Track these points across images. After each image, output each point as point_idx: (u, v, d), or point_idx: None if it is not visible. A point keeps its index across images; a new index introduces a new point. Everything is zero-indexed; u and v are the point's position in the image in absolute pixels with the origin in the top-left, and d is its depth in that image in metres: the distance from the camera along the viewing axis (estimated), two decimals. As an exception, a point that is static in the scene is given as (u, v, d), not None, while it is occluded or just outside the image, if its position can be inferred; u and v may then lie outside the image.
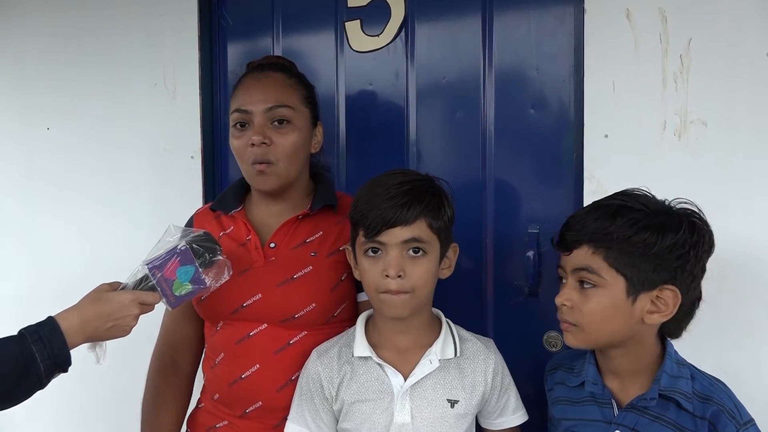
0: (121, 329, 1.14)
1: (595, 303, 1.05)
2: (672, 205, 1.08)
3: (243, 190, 1.39)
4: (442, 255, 1.17)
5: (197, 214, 1.43)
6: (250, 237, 1.31)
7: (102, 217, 2.00)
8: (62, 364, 1.07)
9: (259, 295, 1.26)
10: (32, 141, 2.09)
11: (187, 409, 1.43)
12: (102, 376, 1.92)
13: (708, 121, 1.36)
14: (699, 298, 1.10)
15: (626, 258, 1.03)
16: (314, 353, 1.23)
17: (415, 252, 1.12)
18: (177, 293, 1.16)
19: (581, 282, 1.07)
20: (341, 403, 1.18)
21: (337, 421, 1.21)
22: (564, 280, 1.12)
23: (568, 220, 1.12)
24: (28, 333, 1.05)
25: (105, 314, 1.11)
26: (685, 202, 1.08)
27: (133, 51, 1.92)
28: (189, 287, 1.17)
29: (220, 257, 1.18)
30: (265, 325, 1.26)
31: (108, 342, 1.16)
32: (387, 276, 1.10)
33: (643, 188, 1.10)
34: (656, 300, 1.04)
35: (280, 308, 1.25)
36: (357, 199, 1.16)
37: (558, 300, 1.10)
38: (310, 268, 1.28)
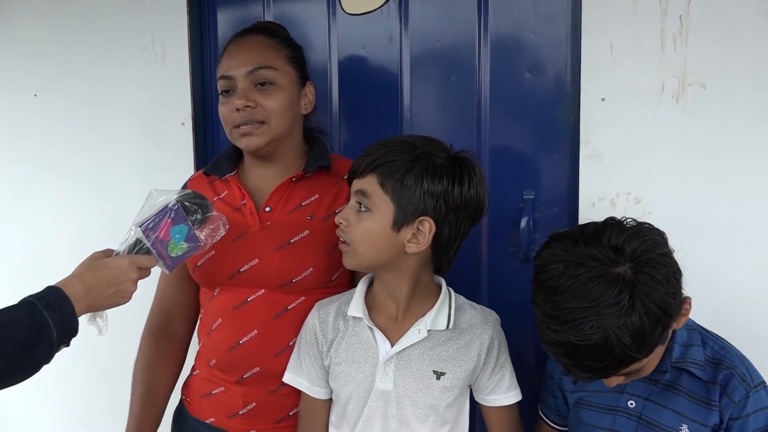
0: (121, 295, 1.10)
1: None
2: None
3: (237, 154, 1.37)
4: (402, 221, 1.11)
5: (191, 179, 1.42)
6: (244, 201, 1.30)
7: (92, 186, 1.97)
8: (71, 331, 1.03)
9: (256, 260, 1.26)
10: (19, 108, 2.05)
11: (179, 373, 1.43)
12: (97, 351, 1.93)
13: (707, 84, 1.34)
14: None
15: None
16: (315, 306, 1.24)
17: (359, 203, 1.12)
18: (173, 254, 1.13)
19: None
20: (330, 360, 1.19)
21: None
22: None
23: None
24: (35, 299, 1.00)
25: (105, 280, 1.07)
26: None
27: (121, 14, 1.87)
28: (184, 247, 1.13)
29: (212, 212, 1.14)
30: (263, 290, 1.26)
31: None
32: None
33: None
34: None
35: (278, 273, 1.25)
36: None
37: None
38: (307, 232, 1.27)
